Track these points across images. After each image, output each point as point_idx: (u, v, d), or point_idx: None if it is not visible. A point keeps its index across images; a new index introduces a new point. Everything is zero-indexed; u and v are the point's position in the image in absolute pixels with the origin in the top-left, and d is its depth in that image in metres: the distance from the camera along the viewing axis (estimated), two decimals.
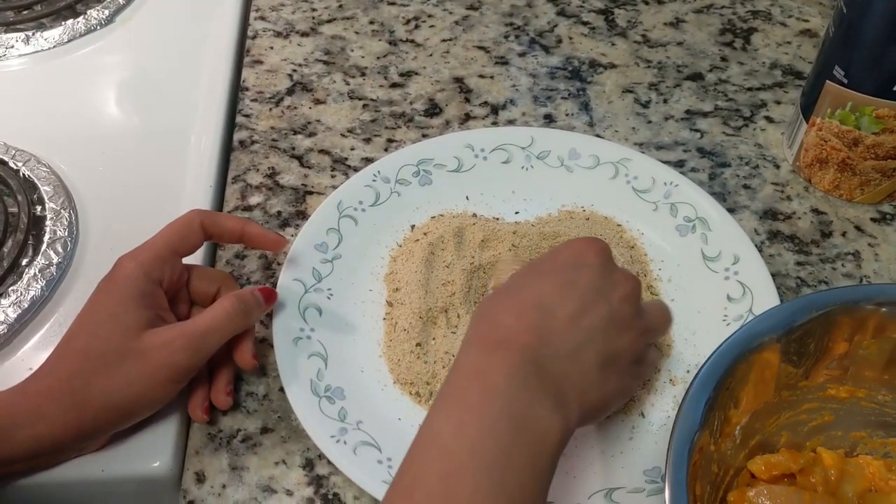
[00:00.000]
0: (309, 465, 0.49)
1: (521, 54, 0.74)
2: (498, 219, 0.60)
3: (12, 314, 0.54)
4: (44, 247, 0.57)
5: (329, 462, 0.47)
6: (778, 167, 0.65)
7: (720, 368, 0.42)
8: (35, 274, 0.56)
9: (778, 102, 0.70)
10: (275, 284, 0.57)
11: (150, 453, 0.48)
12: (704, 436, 0.41)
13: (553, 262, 0.45)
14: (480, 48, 0.75)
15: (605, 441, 0.49)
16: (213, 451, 0.49)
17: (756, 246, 0.58)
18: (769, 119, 0.69)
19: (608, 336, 0.42)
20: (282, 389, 0.51)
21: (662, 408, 0.51)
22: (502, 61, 0.73)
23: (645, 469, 0.48)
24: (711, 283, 0.56)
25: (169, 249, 0.49)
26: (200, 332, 0.47)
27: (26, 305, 0.54)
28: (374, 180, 0.61)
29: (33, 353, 0.53)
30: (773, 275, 0.56)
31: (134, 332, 0.46)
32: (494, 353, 0.40)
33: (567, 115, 0.69)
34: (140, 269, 0.48)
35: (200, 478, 0.48)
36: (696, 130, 0.68)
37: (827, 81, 0.60)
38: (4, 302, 0.54)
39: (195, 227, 0.50)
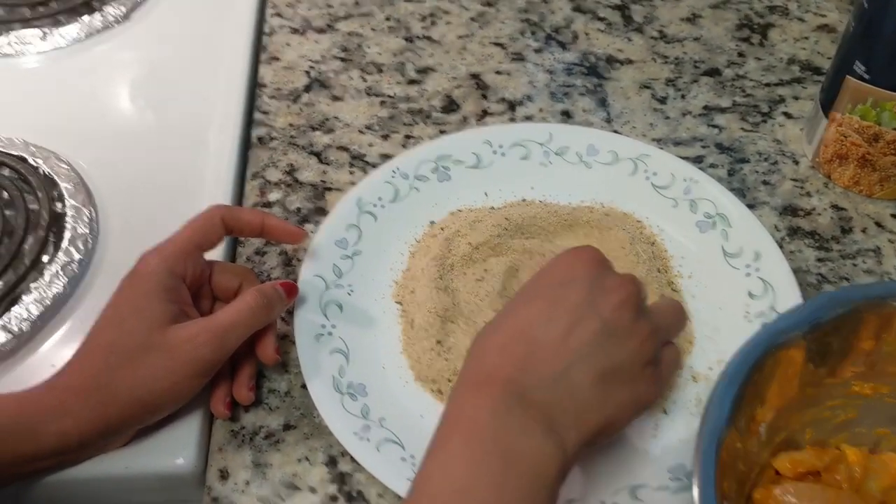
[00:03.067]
0: (332, 462, 0.49)
1: (538, 50, 0.74)
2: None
3: (35, 311, 0.54)
4: (65, 244, 0.57)
5: (352, 459, 0.47)
6: (797, 163, 0.65)
7: (746, 365, 0.42)
8: (57, 271, 0.56)
9: (796, 98, 0.70)
10: (296, 280, 0.57)
11: (174, 450, 0.48)
12: (731, 433, 0.41)
13: (540, 283, 0.43)
14: (497, 44, 0.74)
15: (628, 438, 0.49)
16: (236, 447, 0.49)
17: (776, 242, 0.58)
18: (787, 115, 0.69)
19: (604, 349, 0.40)
20: (304, 386, 0.51)
21: (685, 405, 0.51)
22: (519, 58, 0.73)
23: (669, 466, 0.48)
24: (733, 279, 0.56)
25: (191, 244, 0.49)
26: (224, 326, 0.47)
27: (49, 303, 0.54)
28: (392, 177, 0.61)
29: (56, 350, 0.53)
30: (793, 272, 0.56)
31: (158, 326, 0.46)
32: (478, 392, 0.39)
33: (584, 111, 0.69)
34: (163, 265, 0.48)
35: (224, 474, 0.48)
36: (715, 126, 0.68)
37: (847, 76, 0.59)
38: (27, 299, 0.54)
39: (216, 222, 0.51)
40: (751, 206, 0.61)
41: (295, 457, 0.49)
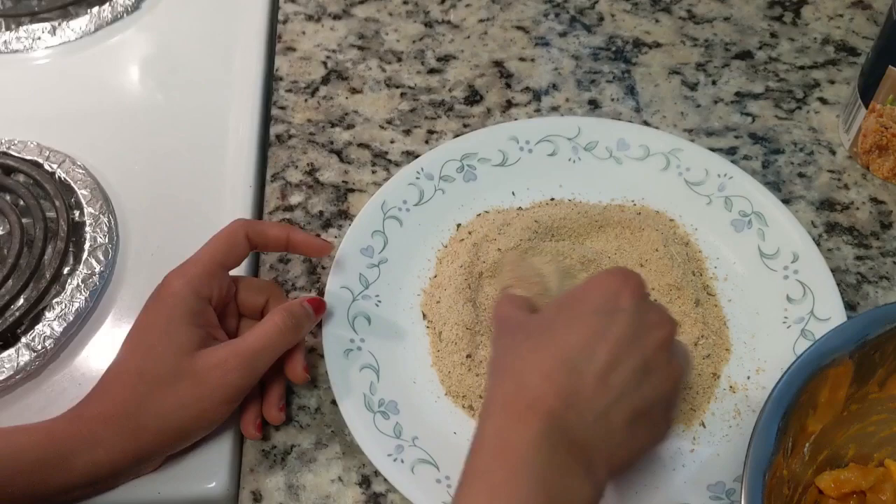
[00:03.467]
0: (365, 482, 0.48)
1: (562, 34, 0.71)
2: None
3: (58, 328, 0.53)
4: (85, 255, 0.56)
5: (386, 479, 0.47)
6: (834, 153, 0.63)
7: (792, 390, 0.41)
8: (78, 284, 0.55)
9: (832, 82, 0.67)
10: (320, 289, 0.56)
11: (206, 474, 0.48)
12: (777, 460, 0.40)
13: (584, 306, 0.42)
14: (519, 28, 0.72)
15: (665, 454, 0.48)
16: (267, 468, 0.49)
17: (814, 240, 0.56)
18: (823, 100, 0.66)
19: (639, 388, 0.40)
20: (334, 402, 0.50)
21: (723, 416, 0.50)
22: (543, 42, 0.71)
23: (709, 484, 0.47)
24: (770, 282, 0.54)
25: (216, 264, 0.48)
26: (253, 350, 0.46)
27: (71, 318, 0.53)
28: (417, 178, 0.59)
29: (81, 366, 0.53)
30: (832, 270, 0.54)
31: (186, 352, 0.45)
32: (520, 420, 0.38)
33: (612, 99, 0.66)
34: (189, 287, 0.47)
35: (257, 497, 0.48)
36: (748, 114, 0.65)
37: (889, 66, 0.57)
38: (49, 315, 0.53)
39: (240, 239, 0.49)
40: (786, 201, 0.60)
41: (328, 477, 0.48)
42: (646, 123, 0.65)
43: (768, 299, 0.54)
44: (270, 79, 0.69)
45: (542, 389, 0.39)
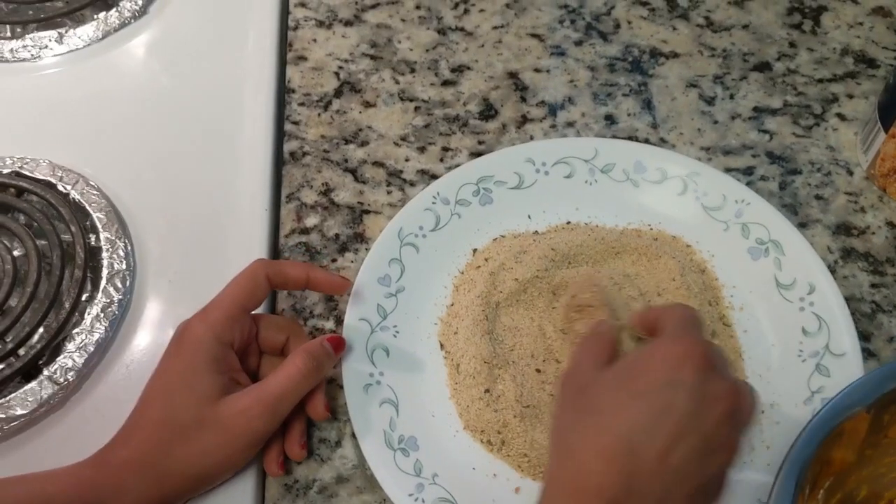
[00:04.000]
0: None
1: (578, 42, 0.70)
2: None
3: (79, 360, 0.53)
4: (103, 283, 0.56)
5: None
6: (851, 173, 0.63)
7: (809, 448, 0.42)
8: (97, 314, 0.55)
9: (850, 96, 0.67)
10: (338, 316, 0.56)
11: None
12: None
13: (646, 379, 0.41)
14: (534, 36, 0.71)
15: None
16: (290, 503, 0.50)
17: (829, 266, 0.56)
18: (841, 116, 0.66)
19: (700, 467, 0.39)
20: (353, 435, 0.51)
21: None
22: (558, 52, 0.70)
23: None
24: (786, 313, 0.55)
25: (237, 307, 0.48)
26: (276, 396, 0.46)
27: (92, 349, 0.54)
28: (433, 203, 0.59)
29: (104, 398, 0.53)
30: (847, 299, 0.54)
31: (209, 400, 0.45)
32: None
33: (629, 114, 0.66)
34: (210, 333, 0.47)
35: None
36: (765, 131, 0.65)
37: None
38: (70, 346, 0.54)
39: (261, 281, 0.49)
40: (803, 225, 0.60)
41: None
42: (662, 141, 0.64)
43: (784, 331, 0.54)
44: (283, 91, 0.68)
45: (603, 473, 0.39)
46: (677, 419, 0.39)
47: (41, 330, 0.55)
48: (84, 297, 0.56)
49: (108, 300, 0.56)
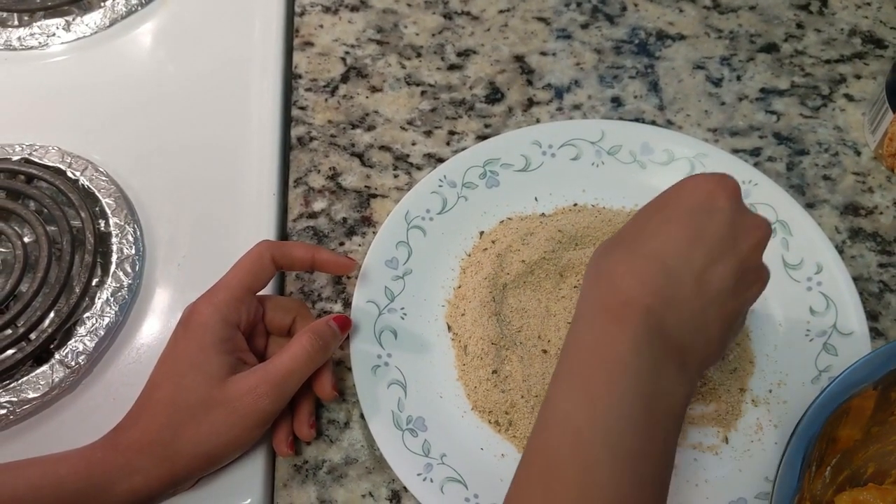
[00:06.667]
0: (395, 497, 0.50)
1: (584, 25, 0.70)
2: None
3: (90, 343, 0.54)
4: (112, 267, 0.57)
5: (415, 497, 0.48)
6: (859, 153, 0.62)
7: (817, 424, 0.42)
8: (108, 298, 0.55)
9: (858, 77, 0.66)
10: (346, 299, 0.56)
11: (240, 491, 0.49)
12: (801, 490, 0.41)
13: (678, 206, 0.41)
14: (540, 19, 0.71)
15: (688, 468, 0.49)
16: (300, 483, 0.50)
17: (837, 246, 0.56)
18: (849, 97, 0.65)
19: (735, 293, 0.39)
20: (362, 416, 0.51)
21: (745, 431, 0.51)
22: (564, 35, 0.70)
23: (731, 500, 0.48)
24: (793, 293, 0.55)
25: (243, 289, 0.49)
26: (282, 375, 0.47)
27: (102, 333, 0.54)
28: (440, 186, 0.59)
29: (114, 381, 0.54)
30: (854, 279, 0.54)
31: (217, 380, 0.46)
32: (617, 321, 0.38)
33: (636, 97, 0.66)
34: (217, 314, 0.47)
35: None
36: (772, 112, 0.65)
37: None
38: (81, 331, 0.54)
39: (266, 262, 0.50)
40: (811, 206, 0.59)
41: (359, 492, 0.50)
42: (669, 123, 0.64)
43: (791, 311, 0.54)
44: (289, 75, 0.68)
45: (636, 288, 0.39)
46: (713, 243, 0.39)
47: (52, 314, 0.55)
48: (94, 282, 0.57)
49: (118, 285, 0.56)
